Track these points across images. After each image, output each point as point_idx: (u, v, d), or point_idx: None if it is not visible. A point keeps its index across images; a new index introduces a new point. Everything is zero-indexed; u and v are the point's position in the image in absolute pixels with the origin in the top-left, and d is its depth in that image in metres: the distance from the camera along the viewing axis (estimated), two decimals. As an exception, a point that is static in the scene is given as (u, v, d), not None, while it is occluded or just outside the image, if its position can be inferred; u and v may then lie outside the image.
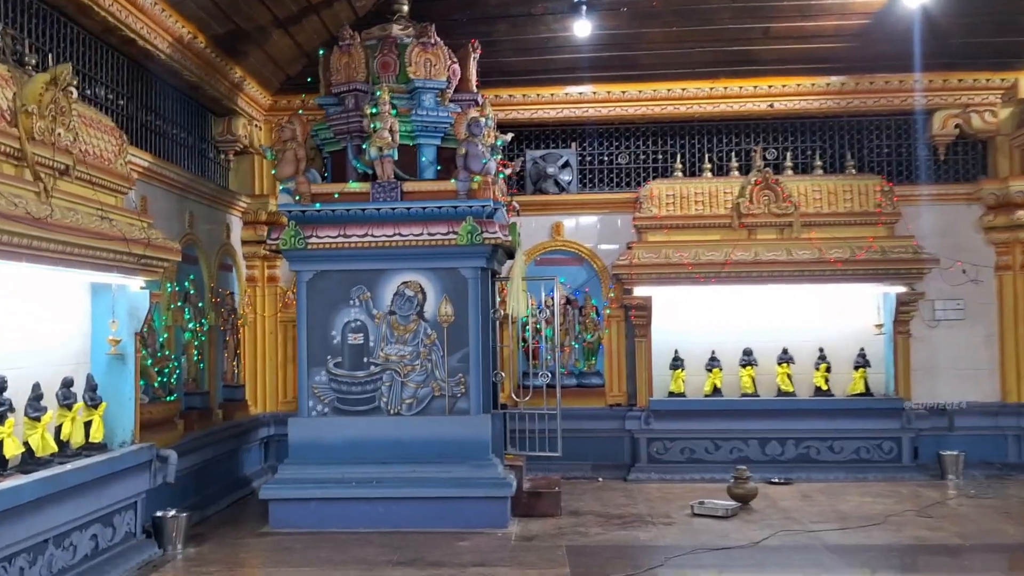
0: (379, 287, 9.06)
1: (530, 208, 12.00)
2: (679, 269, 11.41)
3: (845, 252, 11.30)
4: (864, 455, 11.47)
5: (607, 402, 11.91)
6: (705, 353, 11.89)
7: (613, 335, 11.98)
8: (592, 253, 12.06)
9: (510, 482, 8.92)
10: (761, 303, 11.91)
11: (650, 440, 11.61)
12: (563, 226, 12.10)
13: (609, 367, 11.98)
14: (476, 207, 8.92)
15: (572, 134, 12.38)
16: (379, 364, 9.02)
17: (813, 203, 11.63)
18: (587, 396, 11.89)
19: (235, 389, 10.69)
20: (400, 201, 8.93)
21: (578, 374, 12.00)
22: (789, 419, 11.50)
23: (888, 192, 11.60)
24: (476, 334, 9.05)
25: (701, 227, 11.71)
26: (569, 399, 11.64)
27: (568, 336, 12.00)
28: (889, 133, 12.21)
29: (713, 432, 11.55)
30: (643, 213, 11.74)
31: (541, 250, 12.11)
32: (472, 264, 9.03)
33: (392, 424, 8.97)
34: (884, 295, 11.75)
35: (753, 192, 11.57)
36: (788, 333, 11.90)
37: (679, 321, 11.99)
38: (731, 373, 11.88)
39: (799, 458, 11.49)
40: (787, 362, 11.78)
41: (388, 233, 8.93)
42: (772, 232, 11.62)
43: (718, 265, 11.38)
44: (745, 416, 11.53)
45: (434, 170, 9.35)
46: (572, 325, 12.01)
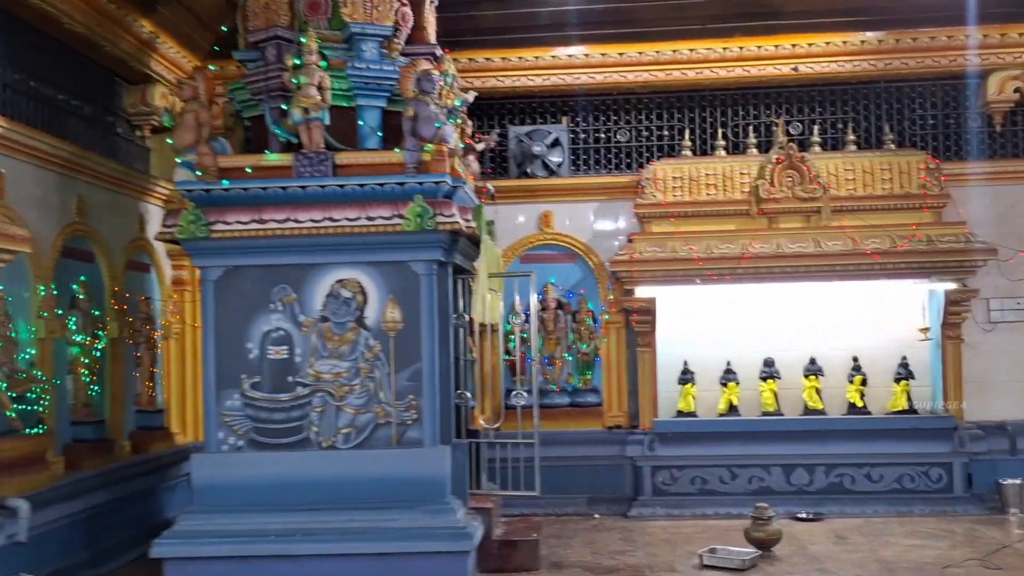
0: (307, 287, 6.79)
1: (514, 195, 9.74)
2: (688, 265, 9.11)
3: (884, 242, 8.99)
4: (908, 484, 9.13)
5: (605, 424, 9.60)
6: (719, 365, 9.57)
7: (612, 345, 9.68)
8: (587, 248, 9.77)
9: (472, 531, 6.63)
10: (785, 304, 9.60)
11: (655, 469, 9.30)
12: (553, 216, 9.81)
13: (607, 383, 9.67)
14: (428, 184, 6.65)
15: (562, 106, 10.06)
16: (308, 384, 6.75)
17: (846, 185, 9.34)
18: (582, 417, 9.59)
19: (153, 415, 8.42)
20: (332, 177, 6.67)
21: (571, 391, 9.70)
22: (818, 442, 9.18)
23: (934, 171, 9.27)
24: (431, 345, 6.78)
25: (714, 215, 9.41)
26: (561, 421, 9.44)
27: (559, 347, 9.71)
28: (935, 100, 9.84)
29: (729, 458, 9.23)
30: (646, 199, 9.46)
31: (527, 244, 9.83)
32: (425, 257, 6.75)
33: (325, 460, 6.69)
34: (930, 293, 9.41)
35: (775, 173, 9.27)
36: (817, 340, 9.58)
37: (689, 327, 9.68)
38: (750, 388, 9.55)
39: (831, 488, 9.16)
40: (815, 374, 9.45)
41: (316, 218, 6.65)
42: (797, 220, 9.32)
43: (734, 260, 9.08)
44: (766, 439, 9.21)
45: (378, 139, 7.07)
46: (564, 333, 9.72)
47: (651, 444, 9.24)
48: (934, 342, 9.39)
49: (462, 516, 6.70)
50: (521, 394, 7.50)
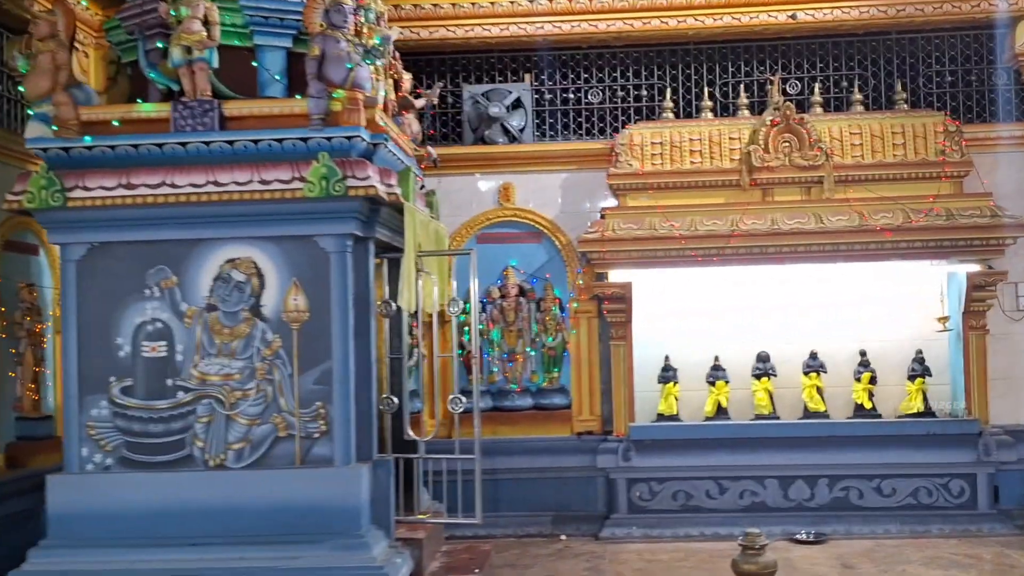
0: (190, 268, 5.51)
1: (468, 164, 8.46)
2: (669, 244, 7.84)
3: (896, 217, 7.73)
4: (925, 499, 7.88)
5: (574, 429, 8.34)
6: (706, 360, 8.29)
7: (582, 337, 8.40)
8: (553, 225, 8.49)
9: (392, 571, 5.39)
10: (782, 290, 8.31)
11: (631, 482, 8.03)
12: (513, 188, 8.52)
13: (577, 381, 8.39)
14: (337, 139, 5.37)
15: (524, 62, 8.75)
16: (192, 389, 5.49)
17: (851, 151, 8.06)
18: (547, 422, 8.31)
19: (38, 423, 7.12)
20: (218, 131, 5.42)
21: (535, 392, 8.42)
22: (820, 449, 7.90)
23: (954, 134, 7.99)
24: (345, 340, 5.52)
25: (699, 187, 8.12)
26: (522, 426, 8.22)
27: (521, 340, 8.44)
28: (955, 54, 8.55)
29: (717, 469, 7.96)
30: (621, 169, 8.17)
31: (483, 222, 8.54)
32: (335, 230, 5.47)
33: (212, 483, 5.44)
34: (950, 276, 8.15)
35: (770, 137, 7.99)
36: (818, 331, 8.30)
37: (670, 317, 8.40)
38: (741, 387, 8.28)
39: (835, 504, 7.91)
40: (817, 371, 8.19)
41: (198, 182, 5.37)
42: (795, 192, 8.04)
43: (722, 238, 7.80)
44: (761, 446, 7.94)
45: (282, 87, 5.79)
46: (527, 324, 8.44)
47: (626, 453, 7.97)
48: (954, 333, 8.12)
49: (381, 551, 5.44)
50: (459, 399, 6.22)
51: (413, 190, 5.88)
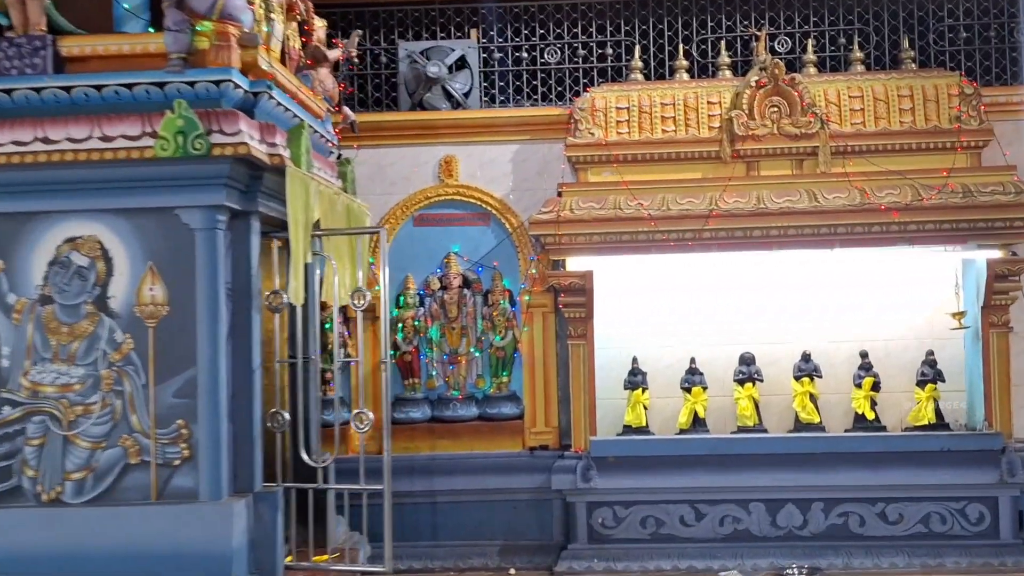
0: (19, 250, 4.46)
1: (405, 133, 7.40)
2: (636, 226, 6.82)
3: (903, 195, 6.73)
4: (937, 527, 6.88)
5: (526, 444, 7.29)
6: (681, 363, 7.26)
7: (536, 336, 7.37)
8: (503, 205, 7.44)
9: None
10: (768, 281, 7.32)
11: (592, 506, 7.00)
12: (457, 162, 7.47)
13: (530, 388, 7.35)
14: (202, 85, 4.33)
15: (469, 15, 7.68)
16: (20, 403, 4.45)
17: (851, 118, 7.06)
18: (495, 435, 7.25)
19: None
20: (52, 75, 4.37)
21: (481, 399, 7.39)
22: (815, 468, 6.89)
23: (971, 98, 7.00)
24: (214, 341, 4.46)
25: (672, 159, 7.11)
26: (465, 440, 7.23)
27: (465, 339, 7.40)
28: (970, 6, 7.54)
29: (693, 491, 6.94)
30: (580, 139, 7.14)
31: (422, 201, 7.47)
32: (203, 201, 4.42)
33: (46, 521, 4.39)
34: (967, 265, 7.15)
35: (755, 101, 7.00)
36: (812, 330, 7.29)
37: (639, 312, 7.38)
38: (722, 394, 7.26)
39: (832, 532, 6.90)
40: (810, 376, 7.18)
41: (24, 139, 4.34)
42: (785, 165, 7.06)
43: (699, 219, 6.80)
44: (744, 464, 6.92)
45: (143, 24, 4.76)
46: (472, 321, 7.40)
47: (586, 472, 6.95)
48: (971, 331, 7.13)
49: (259, 610, 4.42)
50: (365, 415, 5.16)
51: (306, 152, 4.83)
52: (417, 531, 7.11)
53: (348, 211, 5.59)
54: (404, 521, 7.08)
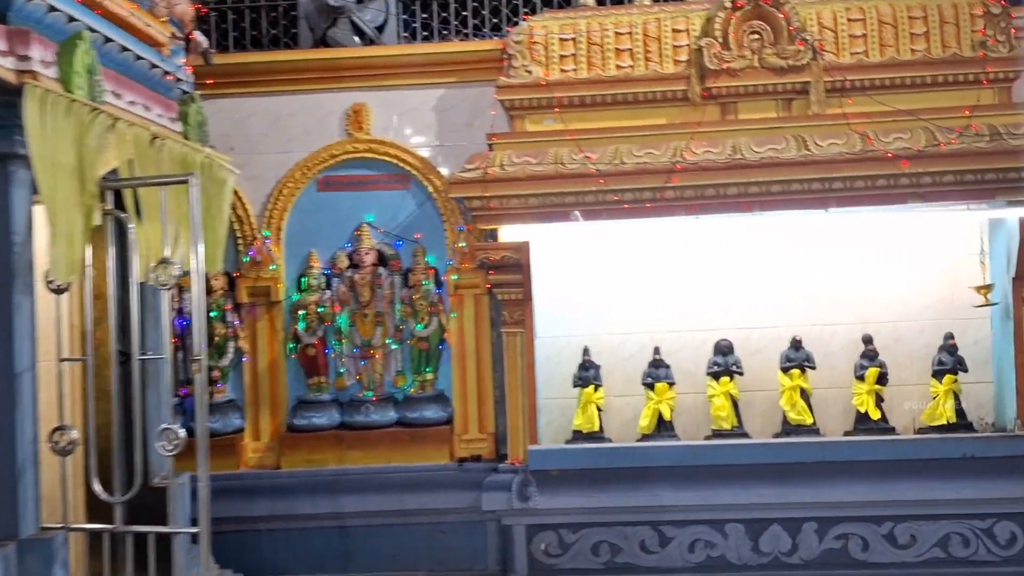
0: None
1: (305, 77, 6.12)
2: (583, 185, 5.52)
3: (916, 140, 5.43)
4: (958, 550, 5.61)
5: (456, 454, 6.04)
6: (642, 354, 5.99)
7: (467, 324, 6.06)
8: (425, 164, 6.12)
9: None
10: (748, 252, 6.03)
11: (533, 529, 5.73)
12: (368, 112, 6.14)
13: (460, 386, 6.06)
14: None
15: (380, -68, 6.43)
16: None
17: (851, 46, 5.74)
18: (418, 444, 5.97)
19: None
20: None
21: (401, 401, 6.12)
22: (807, 480, 5.64)
23: (999, 18, 5.66)
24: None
25: (628, 103, 5.80)
26: (381, 450, 6.09)
27: (381, 328, 6.10)
28: (1000, -99, 6.23)
29: (658, 510, 5.66)
30: (516, 77, 5.80)
31: (327, 160, 6.13)
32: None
33: None
34: (993, 226, 5.85)
35: (731, 28, 5.68)
36: (803, 311, 6.03)
37: (590, 292, 6.11)
38: (693, 390, 5.99)
39: (828, 559, 5.64)
40: (801, 367, 5.89)
41: None
42: (768, 106, 5.77)
43: (660, 174, 5.50)
44: (721, 476, 5.64)
45: None
46: (389, 306, 6.12)
47: (523, 489, 5.69)
48: (1000, 309, 5.82)
49: None
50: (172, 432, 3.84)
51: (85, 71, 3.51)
52: (323, 561, 5.90)
53: (184, 162, 4.29)
54: (307, 550, 5.90)
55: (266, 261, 6.07)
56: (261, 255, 6.08)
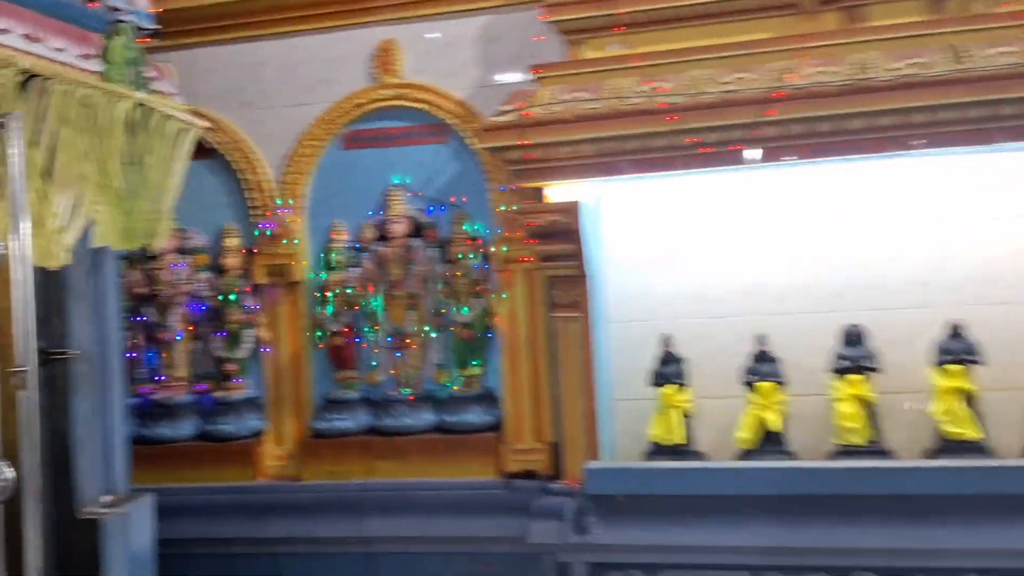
0: None
1: (323, 13, 5.09)
2: (651, 125, 4.21)
3: None
4: None
5: (505, 467, 4.89)
6: (740, 344, 4.58)
7: (519, 306, 4.85)
8: (467, 111, 4.92)
9: None
10: (883, 210, 4.51)
11: (597, 571, 4.49)
12: (398, 50, 5.02)
13: (512, 384, 4.87)
14: None
15: None
16: None
17: (1031, -86, 4.12)
18: (458, 454, 4.82)
19: None
20: None
21: (443, 401, 5.01)
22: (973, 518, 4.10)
23: None
24: None
25: (709, 16, 4.44)
26: (419, 461, 5.08)
27: (416, 312, 5.03)
28: None
29: (762, 552, 4.30)
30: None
31: (351, 112, 5.07)
32: None
33: None
34: None
35: (852, -100, 4.20)
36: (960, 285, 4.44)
37: (671, 267, 4.77)
38: (812, 392, 4.53)
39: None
40: (961, 360, 4.33)
41: None
42: (908, 8, 4.23)
43: (756, 106, 4.11)
44: (849, 510, 4.19)
45: None
46: (423, 286, 5.03)
47: (580, 517, 4.47)
48: None
49: None
50: None
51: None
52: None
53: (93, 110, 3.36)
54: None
55: (283, 235, 5.13)
56: (279, 228, 5.13)
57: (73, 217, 3.28)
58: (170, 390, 5.30)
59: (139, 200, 3.65)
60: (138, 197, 3.65)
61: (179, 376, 5.31)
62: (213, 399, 5.25)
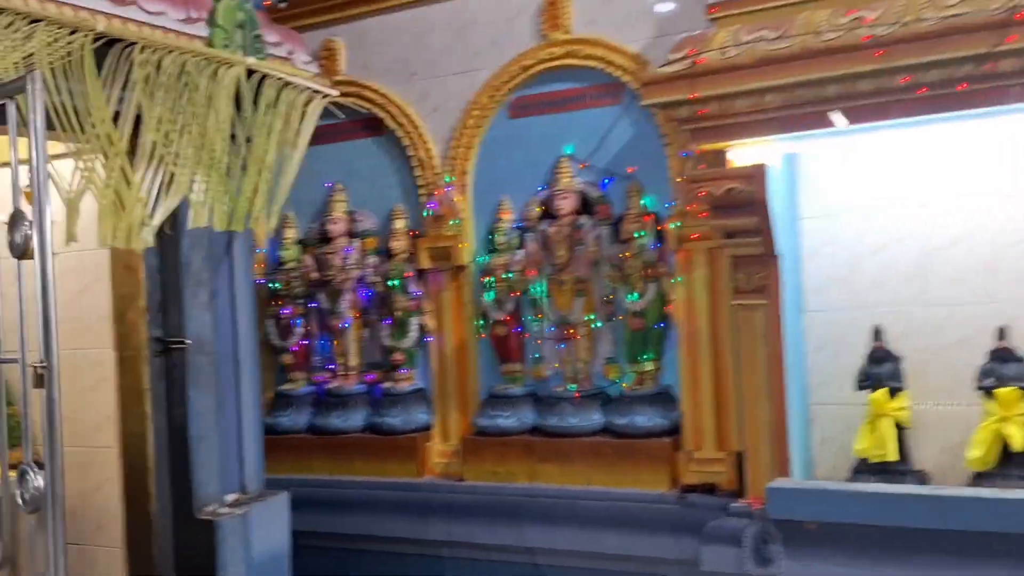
0: None
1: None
2: (855, 65, 3.41)
3: None
4: None
5: (680, 479, 4.21)
6: (974, 338, 3.64)
7: (697, 292, 4.16)
8: (642, 66, 4.27)
9: None
10: None
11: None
12: (566, 1, 4.54)
13: (691, 382, 4.21)
14: None
15: None
16: None
17: None
18: (628, 460, 4.22)
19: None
20: None
21: (612, 400, 4.42)
22: None
23: None
24: None
25: (937, -77, 3.55)
26: (582, 467, 4.52)
27: (584, 299, 4.48)
28: None
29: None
30: (757, -82, 3.84)
31: (518, 76, 4.58)
32: None
33: None
34: None
35: None
36: None
37: (881, 243, 3.88)
38: (1070, 401, 3.55)
39: None
40: None
41: None
42: None
43: (988, 31, 3.20)
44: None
45: None
46: (589, 269, 4.46)
47: (761, 545, 3.73)
48: None
49: None
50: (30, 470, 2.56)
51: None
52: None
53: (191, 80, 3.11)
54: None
55: (448, 215, 4.75)
56: (444, 207, 4.76)
57: (161, 197, 3.04)
58: (342, 379, 5.10)
59: (248, 179, 3.38)
60: (247, 175, 3.38)
61: (351, 365, 5.10)
62: (382, 390, 4.98)
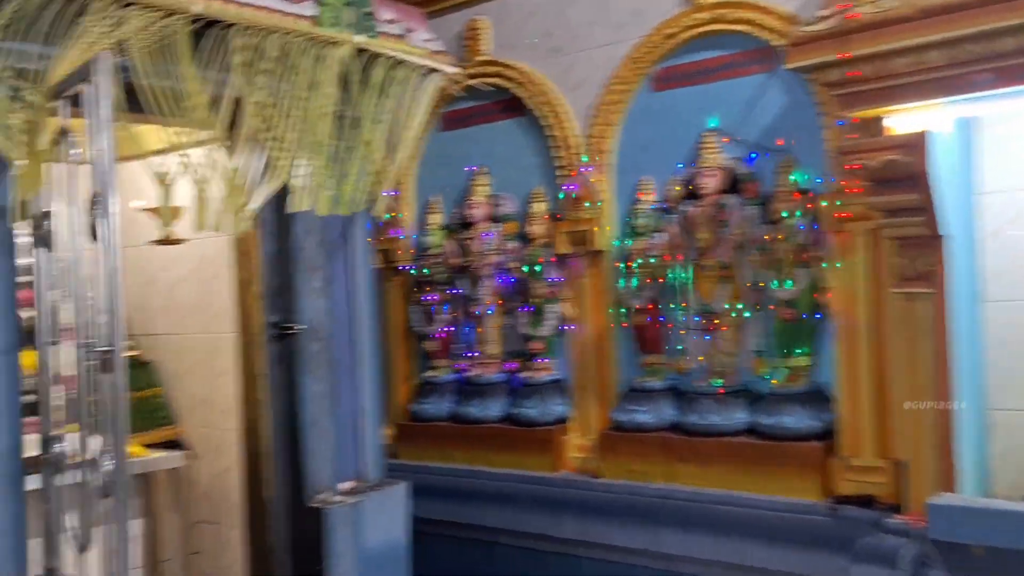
0: None
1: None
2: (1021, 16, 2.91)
3: None
4: None
5: (833, 488, 3.76)
6: None
7: (857, 279, 3.67)
8: (798, 25, 3.84)
9: None
10: None
11: (943, 646, 3.29)
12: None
13: (849, 381, 3.75)
14: None
15: None
16: None
17: None
18: (773, 464, 3.81)
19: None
20: None
21: (760, 398, 4.02)
22: None
23: None
24: None
25: None
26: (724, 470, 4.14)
27: (730, 284, 4.09)
28: None
29: None
30: None
31: (662, 45, 4.23)
32: None
33: None
34: None
35: None
36: None
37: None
38: None
39: None
40: None
41: None
42: None
43: None
44: None
45: None
46: (734, 254, 4.07)
47: (920, 568, 3.25)
48: None
49: None
50: None
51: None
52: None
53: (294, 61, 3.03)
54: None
55: (586, 197, 4.50)
56: (583, 189, 4.52)
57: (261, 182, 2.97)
58: (482, 367, 4.96)
59: (355, 162, 3.26)
60: (354, 158, 3.26)
61: (491, 353, 4.95)
62: (521, 379, 4.80)
